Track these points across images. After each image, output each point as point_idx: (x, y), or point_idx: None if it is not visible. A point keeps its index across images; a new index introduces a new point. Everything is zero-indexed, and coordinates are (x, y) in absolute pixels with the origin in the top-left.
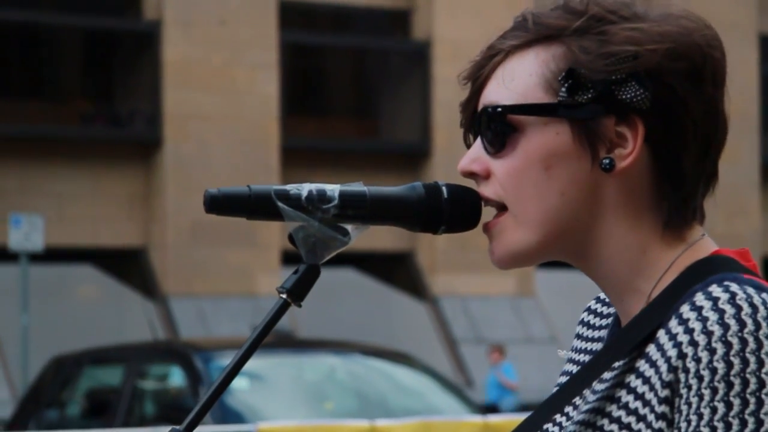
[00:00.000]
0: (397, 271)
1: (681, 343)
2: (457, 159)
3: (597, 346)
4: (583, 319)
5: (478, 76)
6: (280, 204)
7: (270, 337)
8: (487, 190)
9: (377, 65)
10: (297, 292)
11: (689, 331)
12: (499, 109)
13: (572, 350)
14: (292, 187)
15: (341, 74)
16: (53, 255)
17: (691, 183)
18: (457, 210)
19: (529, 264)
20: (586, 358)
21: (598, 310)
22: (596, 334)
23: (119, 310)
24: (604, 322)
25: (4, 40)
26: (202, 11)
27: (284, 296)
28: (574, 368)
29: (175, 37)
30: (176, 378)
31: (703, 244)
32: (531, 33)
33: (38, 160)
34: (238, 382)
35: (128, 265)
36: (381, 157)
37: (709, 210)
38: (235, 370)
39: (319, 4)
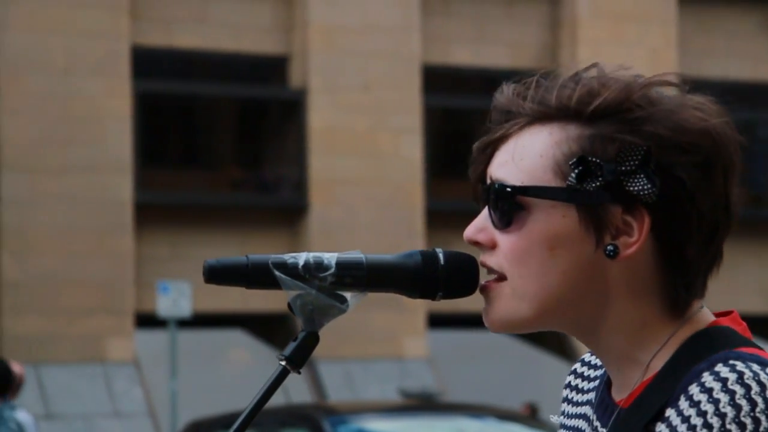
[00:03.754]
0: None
1: (695, 426)
2: None
3: (586, 410)
4: (569, 382)
5: (491, 142)
6: (277, 273)
7: (412, 399)
8: (490, 260)
9: None
10: (296, 359)
11: (702, 414)
12: (509, 189)
13: (563, 415)
14: (289, 256)
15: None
16: (202, 320)
17: (694, 269)
18: (454, 277)
19: (521, 332)
20: (578, 422)
21: (585, 374)
22: (584, 398)
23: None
24: (591, 385)
25: (160, 111)
26: (346, 78)
27: (283, 363)
28: None
29: (320, 104)
30: None
31: (701, 316)
32: (552, 108)
33: (188, 227)
34: None
35: (277, 329)
36: None
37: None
38: None
39: (464, 68)
